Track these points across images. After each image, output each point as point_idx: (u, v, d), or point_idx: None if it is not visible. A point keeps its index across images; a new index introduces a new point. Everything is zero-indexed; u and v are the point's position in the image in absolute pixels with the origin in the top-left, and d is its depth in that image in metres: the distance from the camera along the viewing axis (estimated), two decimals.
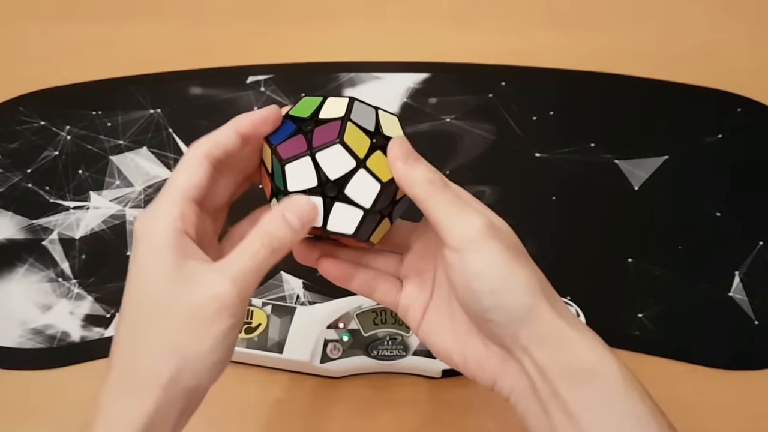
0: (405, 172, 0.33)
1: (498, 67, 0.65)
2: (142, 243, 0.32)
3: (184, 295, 0.30)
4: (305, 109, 0.35)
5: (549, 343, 0.32)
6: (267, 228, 0.32)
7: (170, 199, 0.32)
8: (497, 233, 0.33)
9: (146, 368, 0.30)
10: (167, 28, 0.68)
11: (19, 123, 0.62)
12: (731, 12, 0.70)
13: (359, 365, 0.48)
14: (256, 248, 0.31)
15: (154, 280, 0.31)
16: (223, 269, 0.31)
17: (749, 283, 0.53)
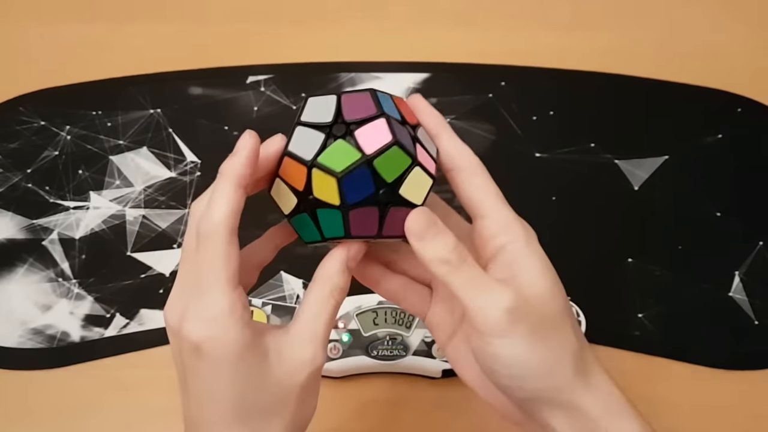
0: (420, 250, 0.31)
1: (498, 67, 0.65)
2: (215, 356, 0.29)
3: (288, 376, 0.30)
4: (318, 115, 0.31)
5: (570, 419, 0.31)
6: (337, 283, 0.32)
7: (225, 300, 0.29)
8: (523, 315, 0.30)
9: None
10: (167, 28, 0.68)
11: (19, 123, 0.62)
12: (731, 12, 0.70)
13: (359, 365, 0.48)
14: (332, 308, 0.31)
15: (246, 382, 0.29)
16: (308, 338, 0.31)
17: (749, 283, 0.53)
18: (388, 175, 0.30)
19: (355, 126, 0.30)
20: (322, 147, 0.30)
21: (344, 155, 0.30)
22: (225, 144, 0.60)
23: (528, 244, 0.32)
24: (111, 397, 0.49)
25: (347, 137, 0.30)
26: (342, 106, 0.31)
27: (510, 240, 0.32)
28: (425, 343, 0.48)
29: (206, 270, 0.29)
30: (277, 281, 0.53)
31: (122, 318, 0.52)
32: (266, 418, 0.30)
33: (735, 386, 0.49)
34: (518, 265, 0.31)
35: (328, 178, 0.29)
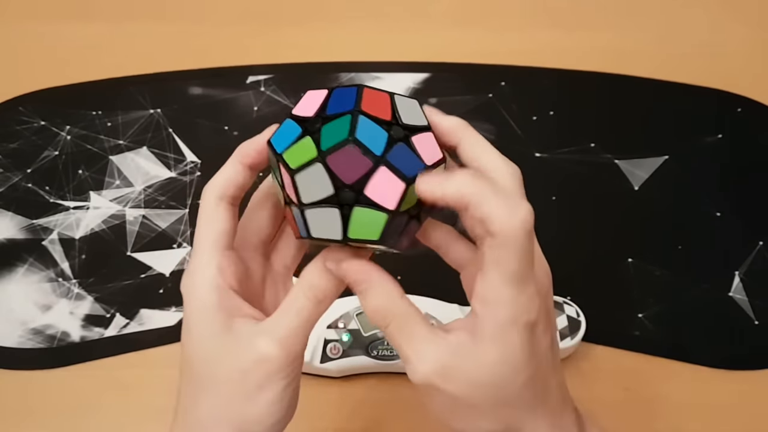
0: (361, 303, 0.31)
1: (498, 67, 0.65)
2: (186, 305, 0.31)
3: (233, 360, 0.30)
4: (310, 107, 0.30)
5: None
6: (310, 281, 0.31)
7: (202, 256, 0.31)
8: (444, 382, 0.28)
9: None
10: (167, 28, 0.68)
11: (19, 123, 0.62)
12: (731, 12, 0.70)
13: (359, 365, 0.48)
14: (301, 304, 0.31)
15: (203, 343, 0.30)
16: (270, 330, 0.30)
17: (749, 283, 0.53)
18: (345, 176, 0.28)
19: (326, 121, 0.29)
20: (294, 142, 0.29)
21: (304, 151, 0.29)
22: (225, 144, 0.60)
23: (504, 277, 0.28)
24: (111, 397, 0.49)
25: (316, 134, 0.29)
26: (328, 102, 0.30)
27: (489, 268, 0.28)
28: None
29: (195, 236, 0.32)
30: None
31: (122, 318, 0.52)
32: (209, 392, 0.30)
33: (735, 386, 0.49)
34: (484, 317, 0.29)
35: (287, 174, 0.29)
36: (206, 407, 0.30)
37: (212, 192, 0.32)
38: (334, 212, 0.29)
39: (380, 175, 0.28)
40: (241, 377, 0.30)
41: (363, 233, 0.29)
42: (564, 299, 0.49)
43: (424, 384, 0.29)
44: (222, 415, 0.30)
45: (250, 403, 0.30)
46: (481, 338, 0.28)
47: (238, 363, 0.30)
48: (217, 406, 0.30)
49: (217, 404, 0.30)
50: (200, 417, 0.31)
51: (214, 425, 0.30)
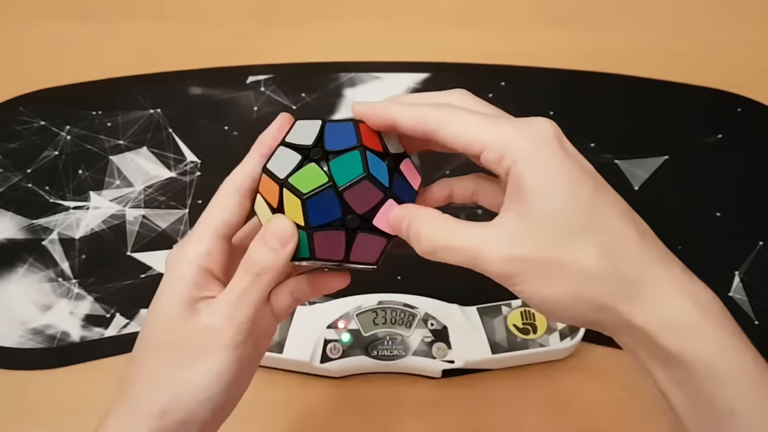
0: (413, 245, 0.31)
1: (498, 67, 0.65)
2: (166, 276, 0.32)
3: (183, 329, 0.31)
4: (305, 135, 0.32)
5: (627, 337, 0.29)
6: (248, 254, 0.32)
7: (199, 236, 0.32)
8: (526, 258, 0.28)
9: (142, 398, 0.31)
10: (167, 28, 0.68)
11: (19, 123, 0.62)
12: (731, 12, 0.70)
13: (359, 365, 0.48)
14: (240, 277, 0.32)
15: (166, 313, 0.31)
16: (217, 302, 0.31)
17: (749, 283, 0.53)
18: (358, 207, 0.31)
19: (333, 155, 0.31)
20: (296, 168, 0.31)
21: (313, 178, 0.30)
22: (225, 144, 0.60)
23: (531, 159, 0.29)
24: (111, 397, 0.49)
25: (321, 162, 0.31)
26: (325, 133, 0.32)
27: (511, 162, 0.29)
28: (425, 343, 0.48)
29: (202, 216, 0.33)
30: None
31: (122, 318, 0.52)
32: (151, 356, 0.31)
33: None
34: (523, 187, 0.29)
35: (294, 198, 0.30)
36: (146, 372, 0.31)
37: (231, 183, 0.33)
38: (339, 235, 0.31)
39: (387, 206, 0.31)
40: (184, 344, 0.31)
41: (363, 257, 0.32)
42: None
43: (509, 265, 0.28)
44: (159, 381, 0.31)
45: (186, 371, 0.30)
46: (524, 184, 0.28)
47: (184, 332, 0.31)
48: (156, 371, 0.31)
49: (157, 369, 0.31)
50: (139, 383, 0.31)
51: (150, 390, 0.31)
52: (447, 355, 0.47)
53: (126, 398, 0.31)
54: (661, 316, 0.28)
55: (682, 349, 0.28)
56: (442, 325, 0.48)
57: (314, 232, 0.31)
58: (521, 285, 0.29)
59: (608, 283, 0.28)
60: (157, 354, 0.31)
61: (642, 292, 0.28)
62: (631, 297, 0.28)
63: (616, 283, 0.28)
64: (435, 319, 0.48)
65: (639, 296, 0.28)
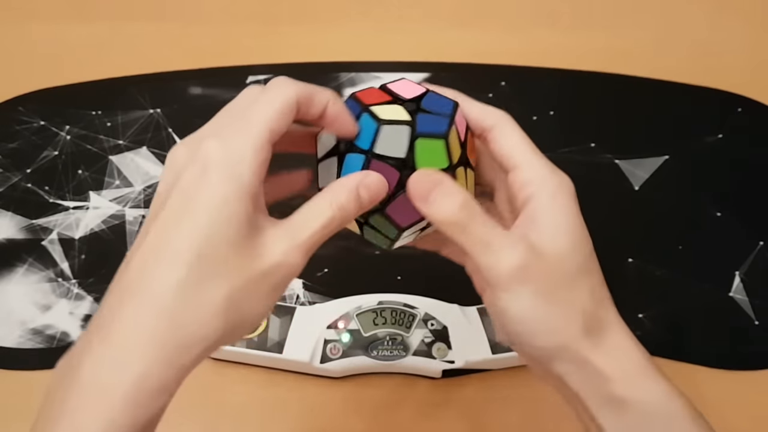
0: (427, 213, 0.31)
1: (498, 67, 0.65)
2: (221, 175, 0.27)
3: (256, 255, 0.28)
4: None
5: (581, 374, 0.31)
6: (341, 200, 0.30)
7: (255, 141, 0.28)
8: (531, 274, 0.30)
9: (199, 326, 0.27)
10: (167, 28, 0.68)
11: (18, 123, 0.62)
12: (731, 12, 0.70)
13: (359, 365, 0.47)
14: (328, 218, 0.29)
15: (232, 227, 0.27)
16: (293, 236, 0.29)
17: (749, 283, 0.53)
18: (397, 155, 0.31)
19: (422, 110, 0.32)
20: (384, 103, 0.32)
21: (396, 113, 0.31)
22: None
23: (554, 197, 0.31)
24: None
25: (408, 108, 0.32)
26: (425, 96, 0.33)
27: (536, 191, 0.31)
28: (425, 343, 0.48)
29: (255, 110, 0.29)
30: None
31: None
32: (217, 281, 0.27)
33: (735, 386, 0.49)
34: (540, 220, 0.31)
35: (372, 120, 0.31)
36: (211, 297, 0.27)
37: (292, 92, 0.30)
38: None
39: None
40: (260, 276, 0.28)
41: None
42: None
43: (512, 280, 0.30)
44: (224, 309, 0.27)
45: (257, 303, 0.28)
46: (543, 214, 0.31)
47: (260, 260, 0.28)
48: (225, 298, 0.27)
49: (226, 296, 0.27)
50: (197, 306, 0.27)
51: (211, 317, 0.27)
52: (447, 356, 0.47)
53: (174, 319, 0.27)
54: (619, 360, 0.31)
55: (633, 393, 0.30)
56: (442, 325, 0.48)
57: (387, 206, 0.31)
58: (511, 297, 0.30)
59: (589, 321, 0.31)
60: (223, 278, 0.27)
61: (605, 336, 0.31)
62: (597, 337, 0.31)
63: (594, 325, 0.31)
64: (435, 319, 0.48)
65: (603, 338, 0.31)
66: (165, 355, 0.26)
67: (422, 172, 0.31)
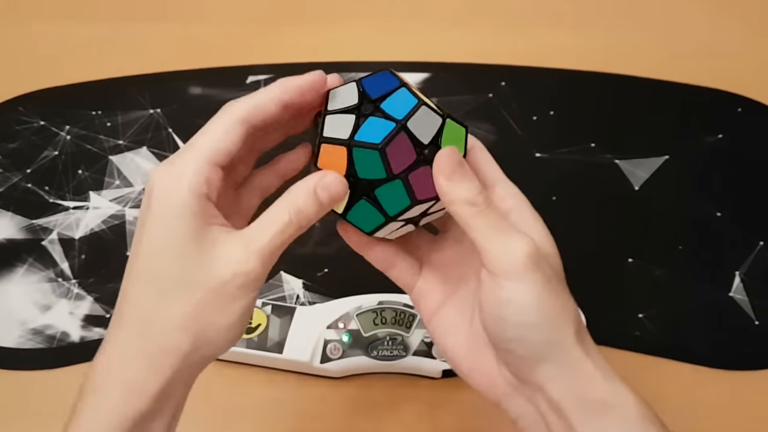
0: (447, 189, 0.31)
1: (498, 67, 0.65)
2: (160, 201, 0.30)
3: (209, 267, 0.29)
4: None
5: (566, 378, 0.31)
6: (298, 203, 0.30)
7: (197, 161, 0.30)
8: (540, 264, 0.31)
9: (168, 338, 0.30)
10: (167, 28, 0.68)
11: (18, 123, 0.62)
12: (731, 12, 0.70)
13: (359, 365, 0.47)
14: (284, 222, 0.30)
15: (175, 245, 0.29)
16: (250, 242, 0.30)
17: (749, 283, 0.53)
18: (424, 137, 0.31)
19: (380, 100, 0.32)
20: (356, 126, 0.31)
21: (379, 127, 0.31)
22: None
23: (532, 211, 0.34)
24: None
25: (376, 113, 0.31)
26: (365, 88, 0.32)
27: (517, 205, 0.34)
28: (425, 343, 0.48)
29: (201, 135, 0.31)
30: (276, 281, 0.53)
31: None
32: (174, 296, 0.29)
33: (735, 386, 0.49)
34: (526, 226, 0.33)
35: (367, 152, 0.31)
36: (170, 315, 0.29)
37: (238, 111, 0.31)
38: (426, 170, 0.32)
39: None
40: (218, 286, 0.29)
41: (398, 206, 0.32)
42: None
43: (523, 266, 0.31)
44: (187, 322, 0.29)
45: (220, 313, 0.30)
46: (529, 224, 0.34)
47: (215, 270, 0.29)
48: (184, 314, 0.29)
49: (185, 312, 0.29)
50: (165, 319, 0.29)
51: (180, 329, 0.29)
52: None
53: (144, 338, 0.30)
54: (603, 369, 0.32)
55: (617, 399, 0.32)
56: None
57: (409, 174, 0.31)
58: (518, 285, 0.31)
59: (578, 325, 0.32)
60: (181, 294, 0.29)
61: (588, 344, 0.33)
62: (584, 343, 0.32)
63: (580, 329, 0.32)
64: None
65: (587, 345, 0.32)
66: (144, 364, 0.30)
67: (451, 150, 0.32)
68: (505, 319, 0.31)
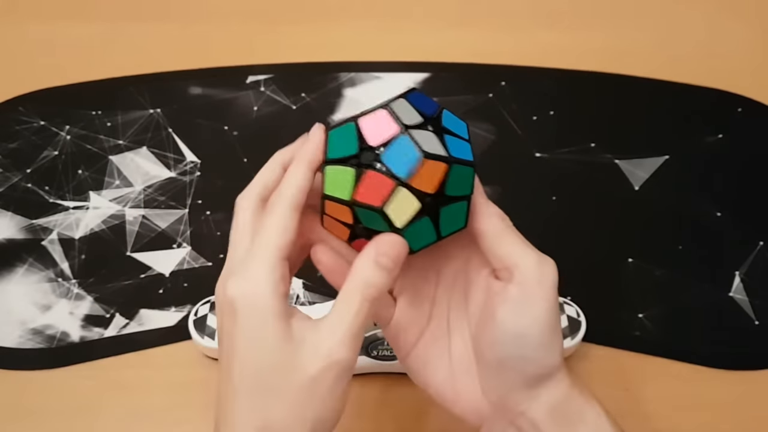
0: (484, 205, 0.33)
1: (498, 67, 0.65)
2: (245, 312, 0.30)
3: (303, 364, 0.30)
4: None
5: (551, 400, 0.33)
6: (364, 278, 0.31)
7: (269, 262, 0.30)
8: (548, 286, 0.32)
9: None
10: (167, 28, 0.68)
11: (18, 123, 0.62)
12: (731, 12, 0.70)
13: (359, 365, 0.47)
14: (359, 304, 0.30)
15: (269, 352, 0.30)
16: (334, 333, 0.30)
17: (749, 283, 0.53)
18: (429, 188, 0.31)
19: (382, 148, 0.31)
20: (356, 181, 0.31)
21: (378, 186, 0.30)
22: (225, 144, 0.60)
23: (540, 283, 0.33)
24: (111, 397, 0.49)
25: (374, 163, 0.31)
26: (363, 132, 0.31)
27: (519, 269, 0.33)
28: None
29: (262, 236, 0.31)
30: None
31: (122, 318, 0.52)
32: (280, 403, 0.30)
33: (735, 386, 0.49)
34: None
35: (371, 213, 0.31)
36: (280, 414, 0.30)
37: (288, 200, 0.32)
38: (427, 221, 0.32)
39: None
40: (315, 380, 0.30)
41: (451, 227, 0.33)
42: (564, 299, 0.49)
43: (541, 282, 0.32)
44: (298, 420, 0.30)
45: (324, 404, 0.30)
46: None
47: (308, 370, 0.30)
48: (292, 412, 0.30)
49: (290, 411, 0.30)
50: (275, 424, 0.30)
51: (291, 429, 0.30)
52: None
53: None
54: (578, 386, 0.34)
55: None
56: None
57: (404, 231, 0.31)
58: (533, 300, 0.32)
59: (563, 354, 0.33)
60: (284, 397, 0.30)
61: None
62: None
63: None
64: None
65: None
66: None
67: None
68: (526, 335, 0.32)
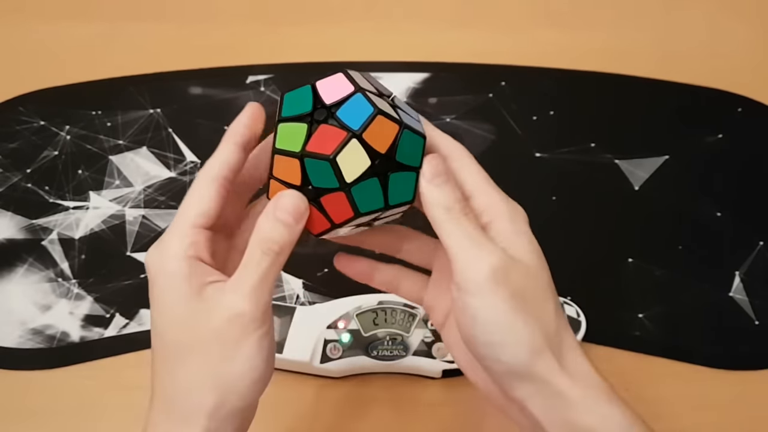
0: (426, 191, 0.32)
1: (498, 67, 0.65)
2: (157, 279, 0.31)
3: (208, 322, 0.30)
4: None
5: (542, 398, 0.31)
6: (262, 234, 0.31)
7: (180, 231, 0.32)
8: (506, 278, 0.30)
9: (188, 400, 0.30)
10: (167, 28, 0.68)
11: (18, 123, 0.62)
12: (731, 12, 0.70)
13: (359, 365, 0.48)
14: (257, 258, 0.31)
15: (175, 312, 0.31)
16: (236, 287, 0.31)
17: (749, 283, 0.53)
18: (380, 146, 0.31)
19: (336, 107, 0.31)
20: (308, 135, 0.31)
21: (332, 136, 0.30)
22: None
23: (513, 222, 0.33)
24: (111, 397, 0.49)
25: (329, 119, 0.31)
26: (318, 92, 0.32)
27: (495, 218, 0.32)
28: (425, 343, 0.48)
29: (180, 210, 0.32)
30: (277, 281, 0.53)
31: (122, 318, 0.52)
32: (187, 361, 0.30)
33: (735, 386, 0.49)
34: (504, 239, 0.32)
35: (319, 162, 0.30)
36: (185, 374, 0.31)
37: (207, 172, 0.33)
38: (375, 182, 0.31)
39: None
40: (217, 337, 0.30)
41: (399, 197, 0.32)
42: (564, 299, 0.49)
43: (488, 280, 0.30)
44: (203, 379, 0.30)
45: (229, 362, 0.30)
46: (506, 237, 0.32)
47: (211, 324, 0.30)
48: (197, 371, 0.30)
49: (196, 369, 0.30)
50: (180, 386, 0.31)
51: (196, 390, 0.30)
52: (447, 355, 0.47)
53: (169, 405, 0.31)
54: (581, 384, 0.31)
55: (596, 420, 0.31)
56: None
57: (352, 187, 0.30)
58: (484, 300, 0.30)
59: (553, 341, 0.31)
60: (189, 355, 0.30)
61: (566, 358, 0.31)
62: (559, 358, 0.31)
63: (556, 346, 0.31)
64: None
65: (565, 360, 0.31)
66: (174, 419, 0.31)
67: (437, 157, 0.32)
68: (475, 337, 0.31)
